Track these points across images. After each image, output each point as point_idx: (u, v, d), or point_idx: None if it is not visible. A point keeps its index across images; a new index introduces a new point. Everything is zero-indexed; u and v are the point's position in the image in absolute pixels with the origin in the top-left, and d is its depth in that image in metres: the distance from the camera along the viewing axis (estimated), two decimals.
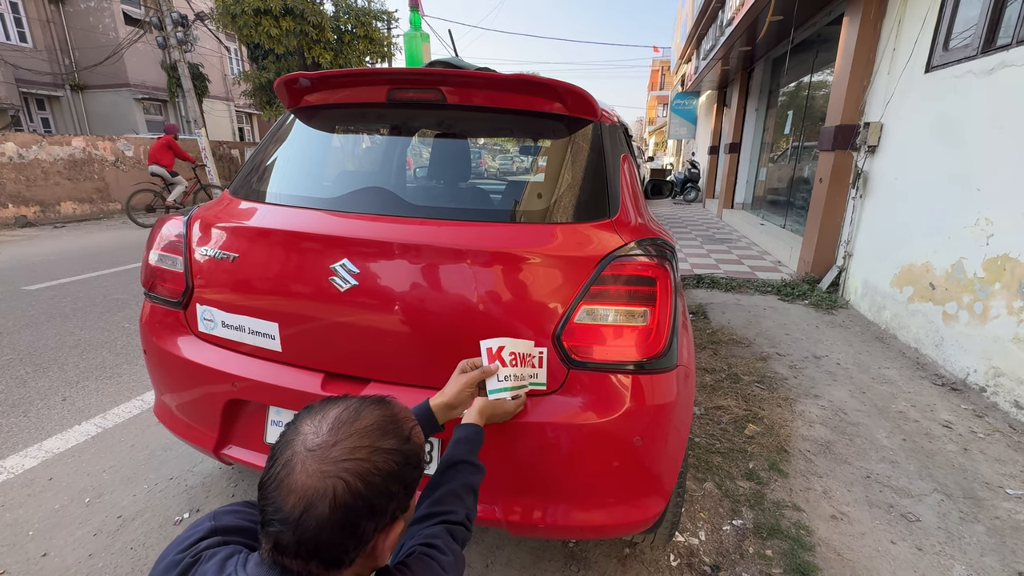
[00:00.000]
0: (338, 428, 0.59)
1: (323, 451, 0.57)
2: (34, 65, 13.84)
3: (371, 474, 0.58)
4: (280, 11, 10.83)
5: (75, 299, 4.17)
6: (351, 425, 0.60)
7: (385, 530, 0.61)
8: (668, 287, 1.15)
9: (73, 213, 9.66)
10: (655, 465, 1.19)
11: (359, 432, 0.60)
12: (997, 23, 2.83)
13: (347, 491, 0.55)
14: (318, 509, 0.54)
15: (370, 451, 0.59)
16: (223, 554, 0.63)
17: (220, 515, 0.71)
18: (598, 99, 1.35)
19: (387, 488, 0.59)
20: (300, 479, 0.55)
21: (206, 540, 0.66)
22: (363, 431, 0.60)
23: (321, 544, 0.55)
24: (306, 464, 0.56)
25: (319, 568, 0.57)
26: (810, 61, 6.17)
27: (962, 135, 3.00)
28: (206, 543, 0.65)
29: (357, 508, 0.56)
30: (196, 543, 0.65)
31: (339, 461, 0.56)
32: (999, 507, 1.81)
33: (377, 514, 0.59)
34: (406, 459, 0.62)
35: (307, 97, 1.46)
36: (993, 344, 2.62)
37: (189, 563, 0.62)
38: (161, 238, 1.44)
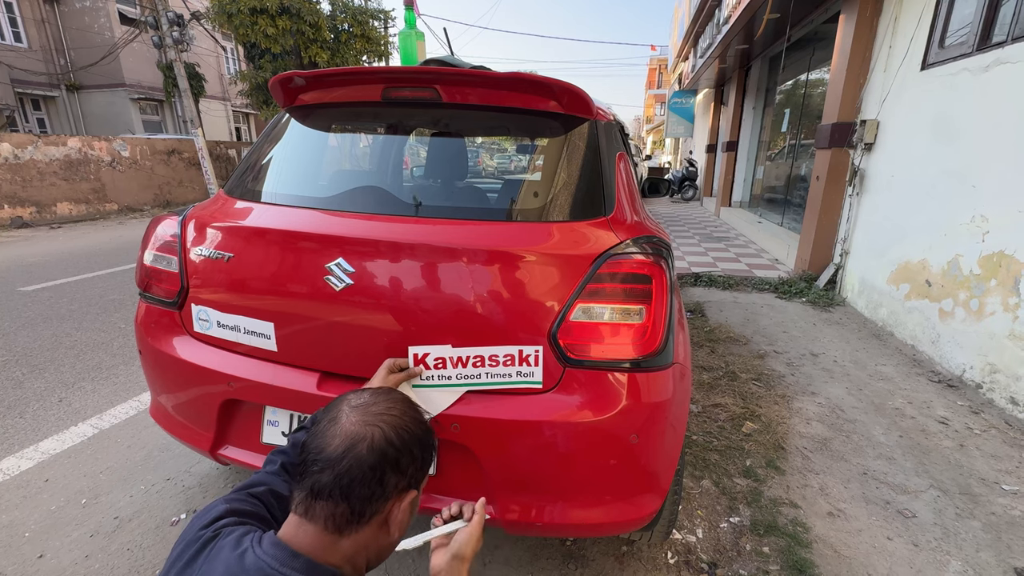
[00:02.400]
0: (377, 394, 0.73)
1: (365, 407, 0.70)
2: (29, 65, 13.77)
3: (403, 429, 0.69)
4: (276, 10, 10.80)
5: (71, 300, 4.16)
6: (388, 395, 0.74)
7: (401, 494, 0.69)
8: (664, 285, 1.15)
9: (69, 214, 9.63)
10: (651, 463, 1.19)
11: (394, 399, 0.73)
12: (992, 20, 2.83)
13: (383, 437, 0.66)
14: (358, 449, 0.65)
15: (402, 412, 0.71)
16: (240, 531, 0.68)
17: (231, 500, 0.76)
18: (594, 97, 1.35)
19: (411, 449, 0.69)
20: (345, 426, 0.67)
21: (224, 519, 0.71)
22: (397, 399, 0.74)
23: (353, 484, 0.64)
24: (350, 416, 0.68)
25: (344, 515, 0.64)
26: (807, 59, 6.18)
27: (958, 132, 3.01)
28: (224, 521, 0.70)
29: (388, 456, 0.66)
30: (216, 520, 0.70)
31: (379, 414, 0.69)
32: (995, 503, 1.82)
33: (400, 471, 0.68)
34: (427, 430, 0.74)
35: (302, 96, 1.46)
36: (989, 341, 2.63)
37: (210, 537, 0.67)
38: (156, 238, 1.43)
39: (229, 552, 0.63)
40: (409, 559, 1.56)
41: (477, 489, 1.19)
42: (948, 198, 3.04)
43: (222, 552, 0.64)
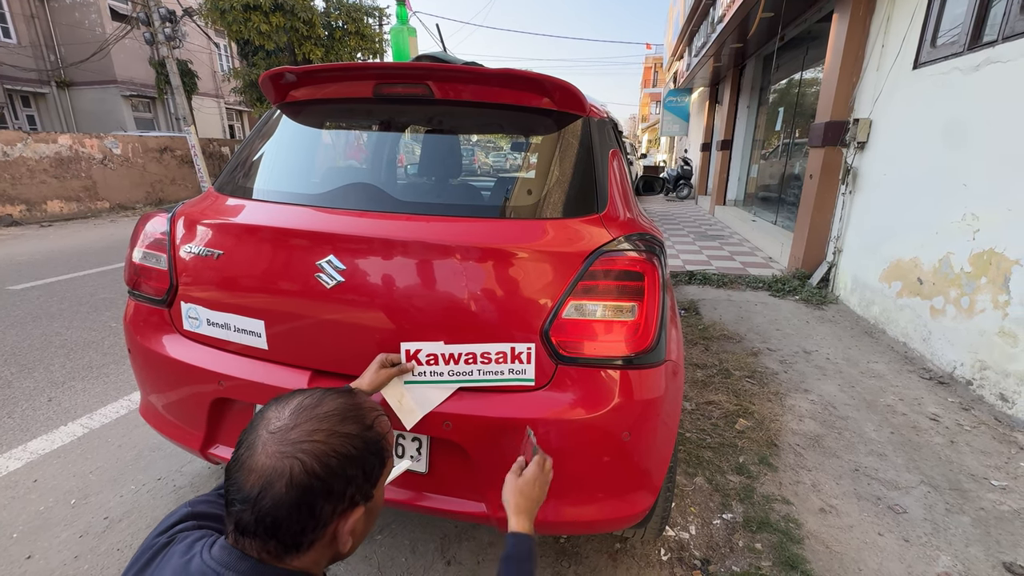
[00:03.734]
0: (298, 413, 0.62)
1: (283, 434, 0.59)
2: (18, 61, 13.61)
3: (328, 456, 0.59)
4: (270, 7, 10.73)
5: (61, 299, 4.11)
6: (311, 410, 0.62)
7: (344, 515, 0.62)
8: (656, 282, 1.15)
9: (60, 212, 9.53)
10: (644, 460, 1.19)
11: (319, 417, 0.62)
12: (983, 20, 2.85)
13: (303, 471, 0.57)
14: (275, 488, 0.56)
15: (327, 434, 0.60)
16: (194, 536, 0.65)
17: (197, 503, 0.73)
18: (587, 95, 1.34)
19: (344, 471, 0.60)
20: (260, 460, 0.58)
21: (182, 524, 0.68)
22: (323, 416, 0.62)
23: (279, 523, 0.57)
24: (267, 446, 0.59)
25: (278, 548, 0.59)
26: (800, 58, 6.21)
27: (949, 131, 3.03)
28: (181, 526, 0.68)
29: (313, 489, 0.58)
30: (172, 526, 0.68)
31: (297, 443, 0.59)
32: (984, 498, 1.84)
33: (335, 496, 0.60)
34: (366, 445, 0.63)
35: (293, 92, 1.45)
36: (979, 338, 2.65)
37: (164, 543, 0.65)
38: (145, 235, 1.42)
39: (178, 559, 0.62)
40: (402, 558, 1.56)
41: (470, 487, 1.19)
42: (939, 196, 3.06)
43: (172, 559, 0.62)
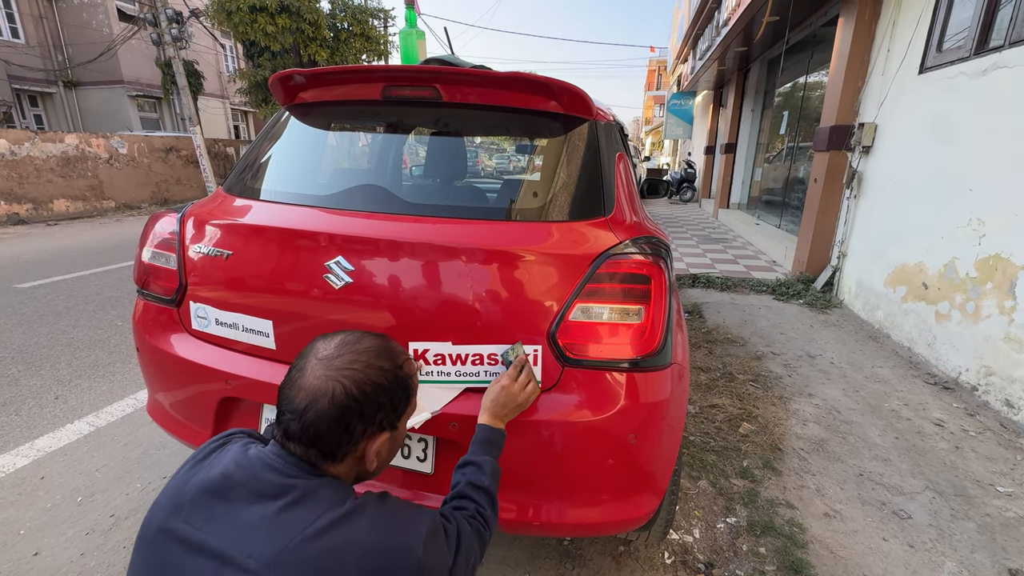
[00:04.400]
0: (342, 346, 0.74)
1: (328, 361, 0.72)
2: (26, 61, 13.72)
3: (364, 383, 0.71)
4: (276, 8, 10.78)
5: (68, 297, 4.14)
6: (353, 345, 0.75)
7: (373, 436, 0.73)
8: (663, 285, 1.15)
9: (66, 211, 9.59)
10: (649, 463, 1.19)
11: (358, 351, 0.74)
12: (990, 25, 2.85)
13: (343, 392, 0.69)
14: (319, 404, 0.68)
15: (365, 365, 0.73)
16: (247, 440, 0.77)
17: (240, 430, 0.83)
18: (594, 98, 1.35)
19: (376, 398, 0.72)
20: (308, 380, 0.70)
21: (234, 433, 0.79)
22: (362, 351, 0.74)
23: (320, 434, 0.69)
24: (314, 369, 0.71)
25: (317, 456, 0.70)
26: (805, 62, 6.20)
27: (955, 136, 3.02)
28: (235, 432, 0.79)
29: (350, 408, 0.69)
30: (226, 436, 0.78)
31: (340, 369, 0.71)
32: (990, 504, 1.83)
33: (366, 419, 0.71)
34: (396, 379, 0.76)
35: (302, 94, 1.46)
36: (985, 343, 2.64)
37: (220, 443, 0.75)
38: (155, 235, 1.43)
39: (236, 449, 0.72)
40: None
41: None
42: (945, 201, 3.06)
43: (229, 451, 0.72)
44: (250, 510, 0.64)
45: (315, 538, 0.62)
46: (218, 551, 0.61)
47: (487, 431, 1.01)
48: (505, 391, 1.04)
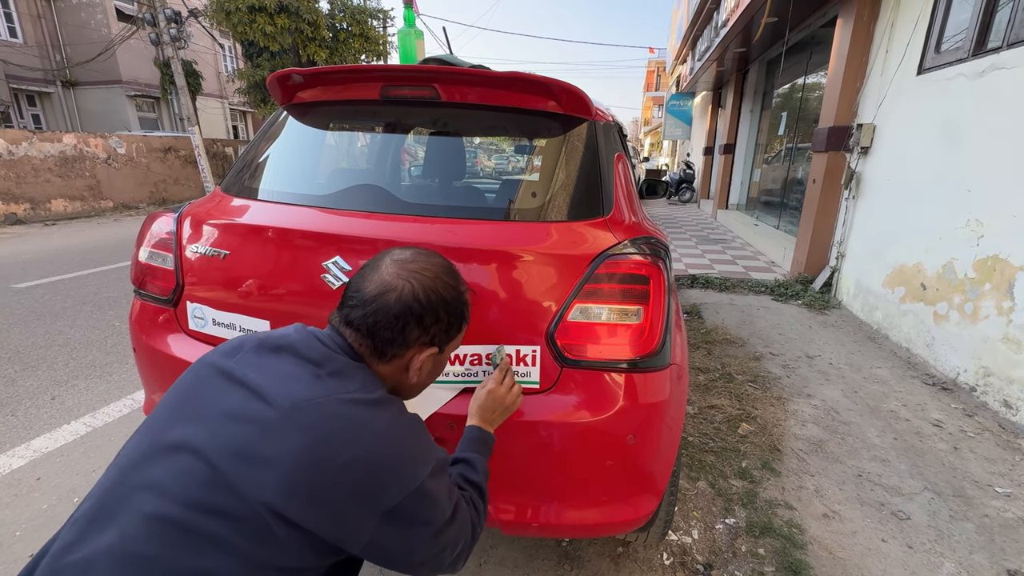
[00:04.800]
0: (418, 254, 0.80)
1: (403, 263, 0.77)
2: (24, 61, 13.69)
3: (430, 290, 0.76)
4: (275, 8, 10.78)
5: (65, 297, 4.13)
6: (428, 257, 0.80)
7: (422, 347, 0.77)
8: (661, 286, 1.15)
9: (64, 211, 9.57)
10: (648, 464, 1.19)
11: (432, 262, 0.80)
12: (988, 26, 2.85)
13: (411, 292, 0.74)
14: (386, 297, 0.73)
15: (435, 276, 0.78)
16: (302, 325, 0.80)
17: None
18: (593, 98, 1.35)
19: (437, 310, 0.76)
20: (382, 275, 0.75)
21: None
22: (436, 263, 0.80)
23: (377, 326, 0.73)
24: (389, 267, 0.76)
25: (367, 349, 0.74)
26: (804, 63, 6.21)
27: (953, 137, 3.03)
28: None
29: (412, 310, 0.74)
30: None
31: (413, 271, 0.76)
32: (988, 505, 1.83)
33: (423, 327, 0.76)
34: (457, 299, 0.80)
35: (300, 94, 1.45)
36: (983, 344, 2.64)
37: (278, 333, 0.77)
38: (151, 235, 1.42)
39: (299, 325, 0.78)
40: None
41: None
42: (943, 202, 3.06)
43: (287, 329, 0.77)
44: (294, 366, 0.69)
45: (341, 404, 0.65)
46: (254, 386, 0.66)
47: (478, 431, 1.00)
48: (492, 395, 1.03)
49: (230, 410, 0.65)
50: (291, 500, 0.59)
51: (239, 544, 0.58)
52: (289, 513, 0.59)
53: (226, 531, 0.58)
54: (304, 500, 0.60)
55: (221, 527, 0.58)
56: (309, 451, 0.61)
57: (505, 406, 1.04)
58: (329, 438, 0.62)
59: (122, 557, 0.57)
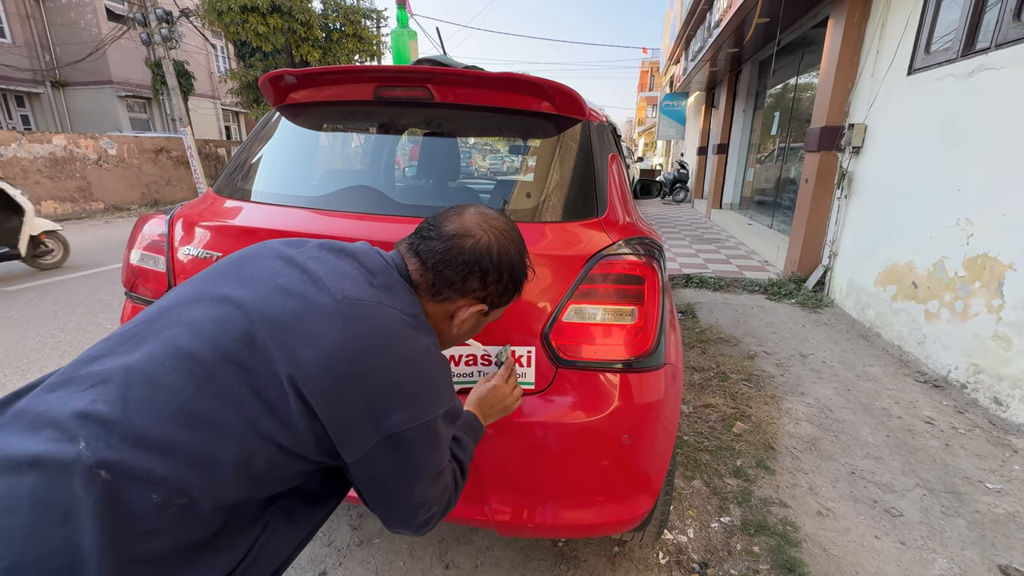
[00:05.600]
0: (502, 215, 0.84)
1: (487, 218, 0.80)
2: (13, 61, 13.53)
3: (504, 249, 0.78)
4: (267, 8, 10.71)
5: (55, 300, 4.08)
6: (509, 221, 0.84)
7: (474, 299, 0.79)
8: (656, 286, 1.15)
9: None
10: (643, 463, 1.19)
11: (512, 228, 0.83)
12: (976, 27, 2.89)
13: (486, 245, 0.76)
14: (463, 240, 0.76)
15: (511, 238, 0.81)
16: None
17: None
18: (586, 98, 1.35)
19: (500, 269, 0.78)
20: (466, 220, 0.78)
21: None
22: (514, 229, 0.83)
23: (443, 263, 0.75)
24: (473, 216, 0.79)
25: (426, 282, 0.76)
26: (796, 63, 6.25)
27: (943, 137, 3.06)
28: None
29: (481, 261, 0.76)
30: None
31: (495, 228, 0.79)
32: (979, 501, 1.85)
33: (482, 281, 0.77)
34: (521, 268, 0.82)
35: (292, 95, 1.44)
36: (973, 341, 2.67)
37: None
38: (143, 237, 1.41)
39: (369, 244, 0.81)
40: (400, 562, 1.55)
41: (469, 490, 1.18)
42: (934, 201, 3.09)
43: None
44: (352, 268, 0.71)
45: (388, 314, 0.67)
46: (312, 272, 0.68)
47: (474, 418, 0.98)
48: (496, 391, 1.03)
49: (284, 285, 0.66)
50: (316, 383, 0.60)
51: (253, 405, 0.58)
52: (309, 394, 0.59)
53: (246, 389, 0.58)
54: (327, 387, 0.60)
55: (243, 383, 0.59)
56: (348, 343, 0.62)
57: (504, 405, 1.04)
58: (370, 339, 0.64)
59: (142, 377, 0.57)
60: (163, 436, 0.54)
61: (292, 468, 0.62)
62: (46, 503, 0.48)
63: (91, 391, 0.55)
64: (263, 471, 0.59)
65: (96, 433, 0.52)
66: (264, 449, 0.58)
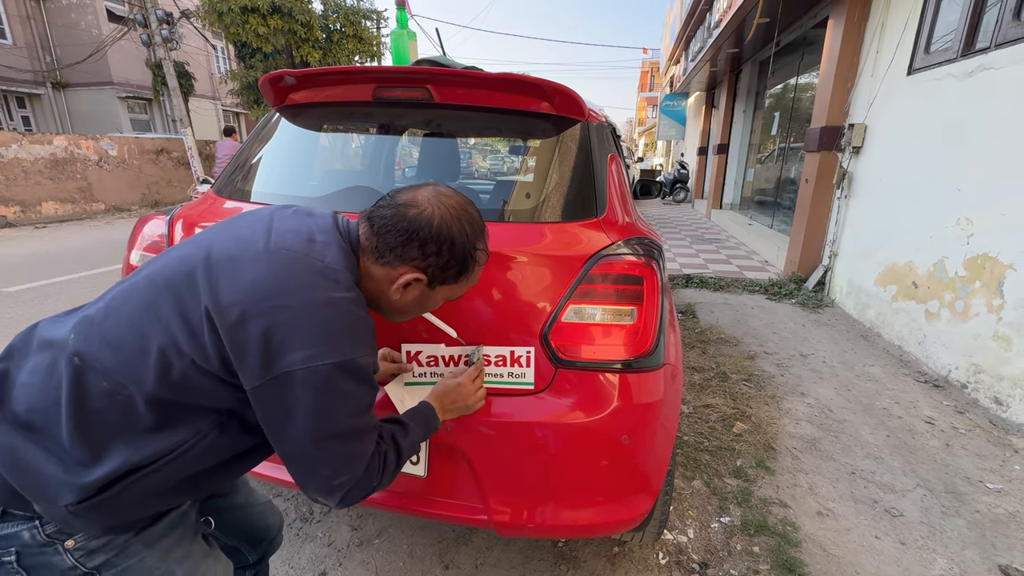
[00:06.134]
0: (457, 194, 0.86)
1: (441, 193, 0.84)
2: (14, 62, 13.53)
3: (445, 225, 0.81)
4: (267, 9, 10.71)
5: (56, 301, 4.09)
6: (463, 201, 0.86)
7: (412, 270, 0.81)
8: (655, 286, 1.15)
9: (55, 213, 9.47)
10: (643, 463, 1.19)
11: (464, 208, 0.85)
12: (976, 27, 2.89)
13: (428, 216, 0.80)
14: (408, 209, 0.80)
15: (458, 217, 0.83)
16: None
17: None
18: (586, 99, 1.35)
19: (440, 245, 0.81)
20: (420, 193, 0.83)
21: None
22: (466, 210, 0.85)
23: (385, 229, 0.80)
24: (427, 190, 0.83)
25: (371, 245, 0.81)
26: (796, 63, 6.25)
27: (943, 137, 3.06)
28: None
29: (418, 231, 0.79)
30: None
31: (443, 204, 0.82)
32: (980, 501, 1.85)
33: (422, 252, 0.80)
34: (464, 247, 0.83)
35: (292, 95, 1.44)
36: (973, 341, 2.67)
37: None
38: (143, 237, 1.41)
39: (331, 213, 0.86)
40: (400, 563, 1.55)
41: (468, 491, 1.19)
42: (934, 201, 3.09)
43: None
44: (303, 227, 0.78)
45: (308, 263, 0.73)
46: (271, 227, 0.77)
47: (430, 410, 0.99)
48: (460, 388, 1.04)
49: (242, 235, 0.76)
50: (225, 312, 0.67)
51: (178, 327, 0.69)
52: (219, 322, 0.67)
53: (176, 313, 0.69)
54: (233, 317, 0.67)
55: (175, 308, 0.70)
56: (260, 282, 0.69)
57: (465, 404, 1.05)
58: (282, 281, 0.70)
59: (124, 293, 0.74)
60: (115, 339, 0.70)
61: (208, 384, 0.70)
62: (50, 372, 0.69)
63: (98, 302, 0.75)
64: (180, 380, 0.69)
65: (83, 330, 0.71)
66: (179, 363, 0.69)
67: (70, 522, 0.67)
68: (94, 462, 0.66)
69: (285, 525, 1.68)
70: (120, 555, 0.72)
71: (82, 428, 0.67)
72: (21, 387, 0.70)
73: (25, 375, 0.71)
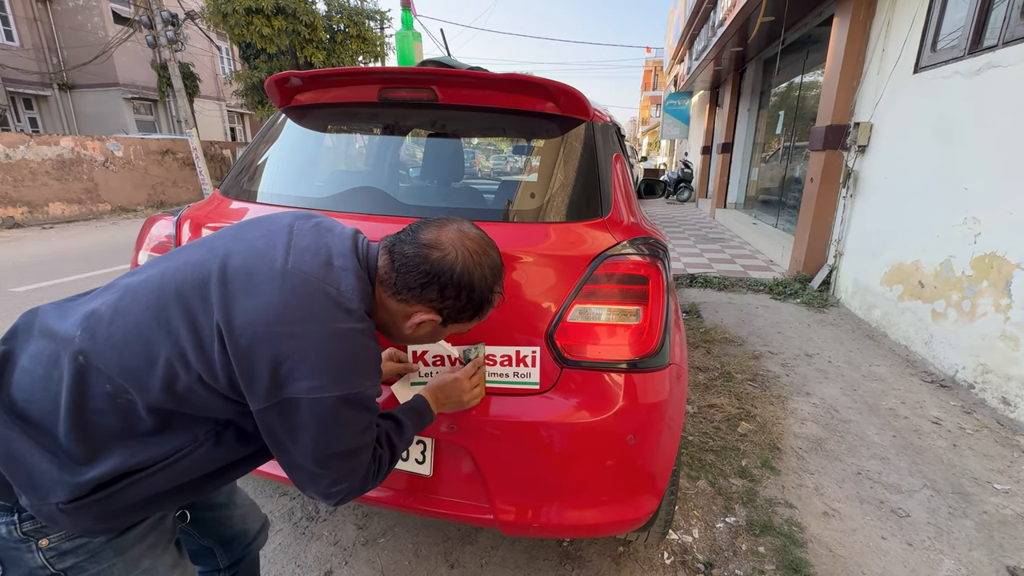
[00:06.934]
0: (483, 237, 0.86)
1: (466, 235, 0.83)
2: (21, 64, 13.65)
3: (468, 271, 0.80)
4: (272, 10, 10.77)
5: None
6: (487, 245, 0.86)
7: (428, 309, 0.81)
8: (660, 286, 1.15)
9: (62, 214, 9.55)
10: (648, 463, 1.19)
11: (487, 252, 0.84)
12: (984, 24, 2.86)
13: (451, 262, 0.79)
14: (432, 251, 0.79)
15: (480, 263, 0.82)
16: None
17: None
18: (590, 99, 1.35)
19: (459, 290, 0.80)
20: (445, 232, 0.81)
21: None
22: (488, 254, 0.84)
23: (407, 267, 0.79)
24: (452, 230, 0.82)
25: (390, 280, 0.80)
26: (801, 62, 6.22)
27: (950, 135, 3.04)
28: None
29: (439, 276, 0.78)
30: None
31: (468, 248, 0.81)
32: (987, 502, 1.84)
33: (441, 293, 0.80)
34: (485, 292, 0.83)
35: (298, 96, 1.45)
36: (981, 341, 2.65)
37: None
38: (151, 238, 1.43)
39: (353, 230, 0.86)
40: (405, 562, 1.56)
41: (474, 490, 1.19)
42: (940, 200, 3.07)
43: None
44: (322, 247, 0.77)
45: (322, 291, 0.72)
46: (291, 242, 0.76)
47: (424, 404, 0.99)
48: (456, 384, 1.03)
49: (259, 247, 0.75)
50: (236, 333, 0.67)
51: (187, 340, 0.68)
52: (229, 342, 0.67)
53: (186, 325, 0.69)
54: (244, 339, 0.67)
55: (184, 319, 0.69)
56: (273, 306, 0.69)
57: (461, 400, 1.04)
58: (295, 308, 0.69)
59: (133, 294, 0.72)
60: (122, 344, 0.69)
61: (212, 399, 0.70)
62: (52, 364, 0.69)
63: (105, 295, 0.74)
64: (184, 393, 0.69)
65: (90, 327, 0.70)
66: (186, 376, 0.68)
67: (56, 519, 0.67)
68: (90, 462, 0.66)
69: (291, 523, 1.69)
70: (90, 560, 0.73)
71: (81, 427, 0.67)
72: (22, 372, 0.69)
73: (27, 360, 0.70)
